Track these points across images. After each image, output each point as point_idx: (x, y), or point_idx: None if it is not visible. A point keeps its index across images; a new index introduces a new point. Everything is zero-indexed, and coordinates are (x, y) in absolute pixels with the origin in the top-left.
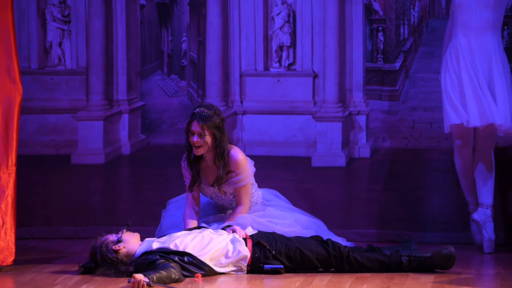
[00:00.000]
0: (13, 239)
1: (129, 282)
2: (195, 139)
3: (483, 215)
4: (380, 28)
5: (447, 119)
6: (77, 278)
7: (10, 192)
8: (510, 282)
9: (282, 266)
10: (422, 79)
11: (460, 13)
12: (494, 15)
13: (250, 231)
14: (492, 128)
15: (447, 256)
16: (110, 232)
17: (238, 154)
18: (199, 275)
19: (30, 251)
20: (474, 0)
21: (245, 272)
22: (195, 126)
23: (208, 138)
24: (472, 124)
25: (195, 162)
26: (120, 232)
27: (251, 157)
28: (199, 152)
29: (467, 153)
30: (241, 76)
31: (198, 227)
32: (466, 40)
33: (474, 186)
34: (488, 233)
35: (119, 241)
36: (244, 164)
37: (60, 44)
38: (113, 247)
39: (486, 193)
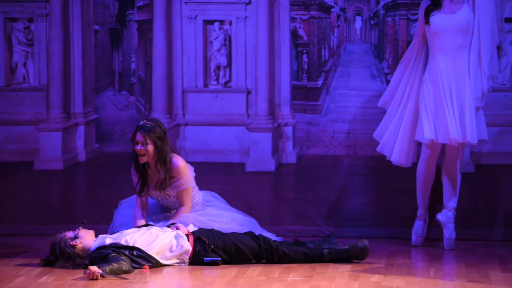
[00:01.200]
0: None
1: (84, 273)
2: (138, 147)
3: (445, 216)
4: (304, 51)
5: (421, 133)
6: (38, 270)
7: None
8: (416, 270)
9: (220, 258)
10: (340, 95)
11: (436, 40)
12: (466, 39)
13: (191, 228)
14: (461, 144)
15: (362, 249)
16: (68, 230)
17: (179, 161)
18: (147, 266)
19: None
20: (449, 28)
21: (187, 264)
22: (139, 137)
23: (150, 147)
24: (440, 140)
25: (142, 169)
26: (77, 229)
27: (192, 163)
28: (143, 159)
29: (433, 164)
30: (183, 92)
31: (146, 225)
32: (443, 63)
33: (428, 193)
34: (448, 232)
35: (76, 237)
36: (184, 170)
37: (24, 64)
38: (71, 242)
39: (451, 197)
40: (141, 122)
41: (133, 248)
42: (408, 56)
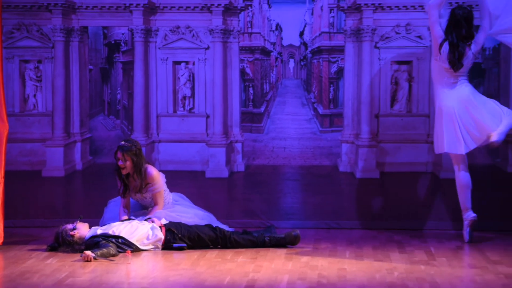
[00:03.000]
0: (2, 228)
1: (81, 256)
2: (120, 163)
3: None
4: (250, 85)
5: (452, 148)
6: (45, 254)
7: (0, 195)
8: (335, 253)
9: (186, 245)
10: (278, 119)
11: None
12: (466, 73)
13: (163, 221)
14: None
15: (295, 237)
16: (68, 223)
17: (152, 171)
18: (129, 251)
19: (14, 236)
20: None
21: (160, 249)
22: (119, 155)
23: (128, 163)
24: (467, 150)
25: (126, 177)
26: (75, 222)
27: (164, 171)
28: (124, 172)
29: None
30: (157, 116)
31: (129, 219)
32: (448, 91)
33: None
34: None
35: (74, 228)
36: (157, 177)
37: (34, 95)
38: (70, 233)
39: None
40: (121, 143)
41: (118, 237)
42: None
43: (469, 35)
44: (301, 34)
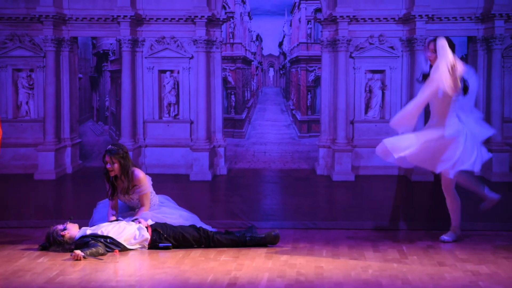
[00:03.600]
0: None
1: (71, 255)
2: (108, 166)
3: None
4: (232, 92)
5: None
6: (37, 253)
7: None
8: (313, 251)
9: (171, 244)
10: (259, 125)
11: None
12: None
13: (150, 222)
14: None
15: (275, 236)
16: (59, 223)
17: (139, 173)
18: (117, 250)
19: (7, 236)
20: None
21: (147, 248)
22: (107, 158)
23: (116, 165)
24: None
25: (114, 179)
26: (65, 223)
27: (151, 174)
28: (112, 174)
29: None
30: (144, 122)
31: (116, 220)
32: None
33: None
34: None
35: (64, 229)
36: (143, 180)
37: (27, 102)
38: (61, 233)
39: None
40: (109, 147)
41: (106, 237)
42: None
43: None
44: (280, 44)
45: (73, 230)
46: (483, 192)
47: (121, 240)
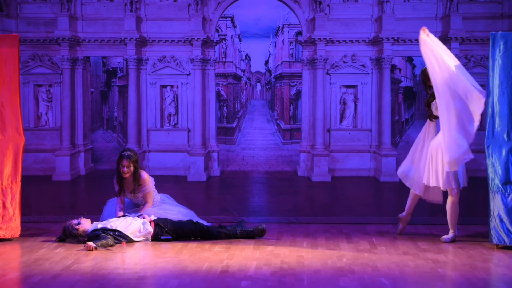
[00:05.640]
0: (19, 223)
1: (84, 246)
2: (125, 169)
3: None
4: (224, 104)
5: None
6: (55, 244)
7: (17, 196)
8: (295, 243)
9: (171, 237)
10: (248, 132)
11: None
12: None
13: (153, 217)
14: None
15: (262, 230)
16: (74, 218)
17: (144, 175)
18: (124, 242)
19: (29, 229)
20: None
21: (150, 240)
22: (125, 162)
23: (132, 168)
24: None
25: (121, 180)
26: (79, 218)
27: (154, 176)
28: (126, 176)
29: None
30: (147, 131)
31: (124, 216)
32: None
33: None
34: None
35: (78, 223)
36: (148, 180)
37: (46, 113)
38: (75, 227)
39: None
40: (126, 153)
41: (115, 230)
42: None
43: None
44: (266, 62)
45: (86, 225)
46: (454, 225)
47: (127, 233)
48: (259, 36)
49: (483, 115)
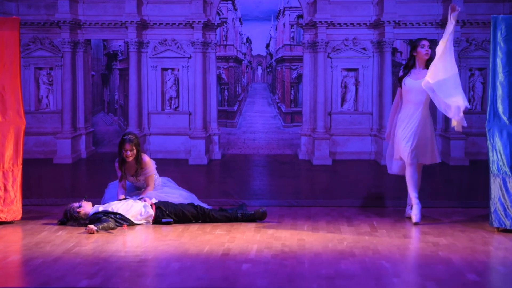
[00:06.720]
0: (20, 206)
1: (85, 229)
2: (128, 153)
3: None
4: (225, 87)
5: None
6: (56, 227)
7: (19, 179)
8: (296, 226)
9: (172, 220)
10: (249, 116)
11: (405, 95)
12: (425, 97)
13: (154, 200)
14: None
15: (262, 213)
16: (75, 201)
17: (146, 158)
18: (125, 225)
19: (30, 212)
20: (413, 88)
21: (151, 223)
22: (128, 146)
23: (134, 151)
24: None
25: (123, 163)
26: (80, 201)
27: (155, 159)
28: (130, 159)
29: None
30: (148, 114)
31: (125, 199)
32: (408, 111)
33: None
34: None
35: (80, 206)
36: (149, 163)
37: (47, 96)
38: (77, 210)
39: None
40: (127, 136)
41: (116, 213)
42: (394, 105)
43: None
44: (267, 46)
45: (87, 208)
46: (414, 195)
47: (129, 216)
48: (260, 19)
49: (484, 98)
